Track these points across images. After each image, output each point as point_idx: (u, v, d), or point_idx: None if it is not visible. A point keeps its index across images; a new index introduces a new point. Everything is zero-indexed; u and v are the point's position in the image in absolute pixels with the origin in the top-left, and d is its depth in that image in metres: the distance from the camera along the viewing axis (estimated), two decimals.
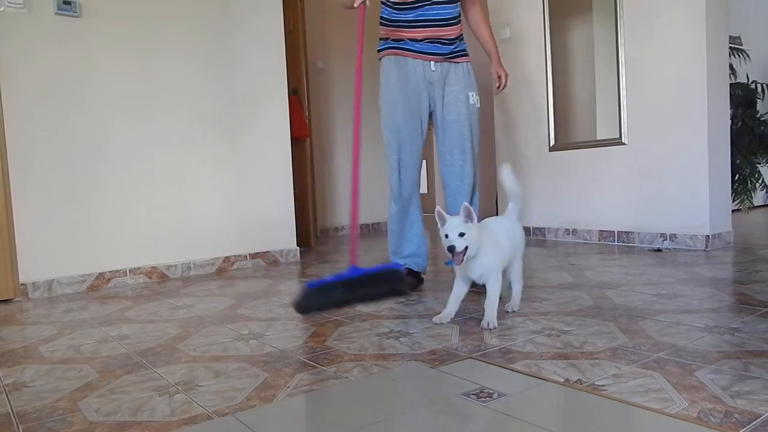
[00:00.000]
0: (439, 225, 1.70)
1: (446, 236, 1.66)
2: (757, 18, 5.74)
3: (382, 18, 2.35)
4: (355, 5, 2.10)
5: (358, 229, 1.56)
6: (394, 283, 1.45)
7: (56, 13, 2.71)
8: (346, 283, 1.49)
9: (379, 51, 2.38)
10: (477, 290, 2.28)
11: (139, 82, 2.96)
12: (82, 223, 2.80)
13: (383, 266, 1.52)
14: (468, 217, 1.67)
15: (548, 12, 3.79)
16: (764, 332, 1.54)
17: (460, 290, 1.84)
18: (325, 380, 1.34)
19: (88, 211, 2.82)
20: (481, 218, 1.85)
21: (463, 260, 1.67)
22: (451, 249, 1.63)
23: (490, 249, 1.76)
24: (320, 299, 1.51)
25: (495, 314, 1.75)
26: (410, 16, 2.27)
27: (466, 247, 1.66)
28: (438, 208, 1.71)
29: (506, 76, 2.47)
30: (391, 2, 2.29)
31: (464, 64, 2.36)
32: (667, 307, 1.86)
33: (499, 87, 2.48)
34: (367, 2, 2.11)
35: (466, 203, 1.68)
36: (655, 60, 3.25)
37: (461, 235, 1.65)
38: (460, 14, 2.34)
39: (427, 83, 2.33)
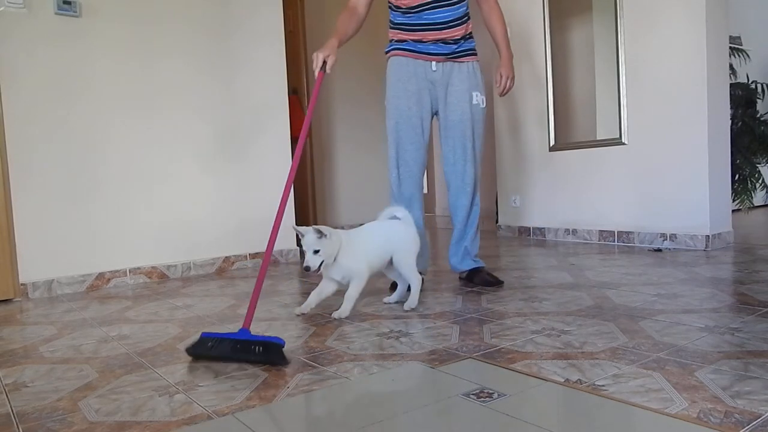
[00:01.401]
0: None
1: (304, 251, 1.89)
2: (757, 18, 5.74)
3: (391, 22, 2.36)
4: (315, 73, 2.17)
5: (258, 292, 1.70)
6: (273, 356, 1.49)
7: (56, 13, 2.71)
8: (233, 342, 1.55)
9: (386, 52, 2.40)
10: (476, 290, 2.28)
11: (139, 82, 2.96)
12: (82, 223, 2.80)
13: (268, 338, 1.57)
14: (320, 233, 1.84)
15: (548, 12, 3.80)
16: (764, 332, 1.54)
17: (324, 288, 2.01)
18: (325, 380, 1.34)
19: (88, 211, 2.82)
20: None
21: (319, 271, 1.90)
22: (307, 269, 1.86)
23: (351, 254, 1.95)
24: (207, 350, 1.57)
25: (349, 309, 1.94)
26: (412, 20, 2.28)
27: (322, 261, 1.88)
28: (293, 226, 2.00)
29: (509, 78, 2.37)
30: (394, 6, 2.30)
31: (469, 63, 2.34)
32: (667, 307, 1.86)
33: (500, 87, 2.38)
34: (328, 69, 2.16)
35: (315, 226, 1.84)
36: (655, 60, 3.25)
37: (316, 252, 1.85)
38: (465, 14, 2.31)
39: (428, 83, 2.33)
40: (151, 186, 3.01)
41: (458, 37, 2.30)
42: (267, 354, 1.50)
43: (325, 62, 2.15)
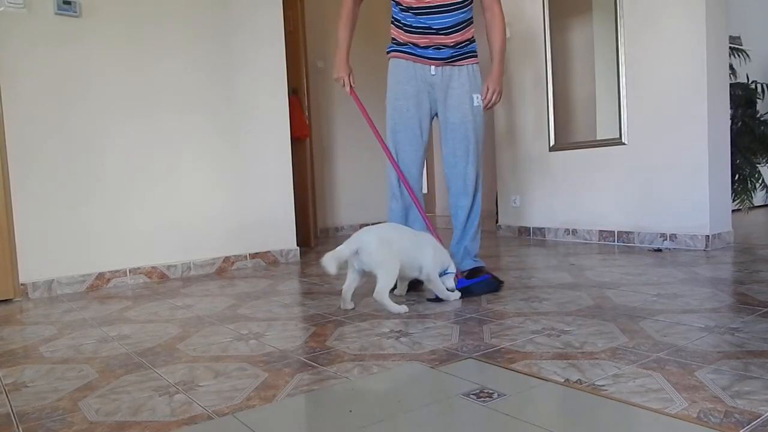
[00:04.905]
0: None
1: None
2: (757, 18, 5.74)
3: (392, 17, 2.37)
4: (347, 90, 2.42)
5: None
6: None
7: (56, 13, 2.71)
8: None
9: (387, 52, 2.42)
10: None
11: (138, 82, 2.96)
12: (82, 223, 2.80)
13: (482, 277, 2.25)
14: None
15: (548, 12, 3.80)
16: (764, 332, 1.54)
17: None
18: (325, 380, 1.34)
19: (88, 211, 2.82)
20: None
21: None
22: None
23: None
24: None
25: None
26: (413, 21, 2.28)
27: None
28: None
29: (495, 92, 2.34)
30: (397, 2, 2.30)
31: (469, 66, 2.34)
32: (667, 307, 1.86)
33: (485, 100, 2.33)
34: (353, 83, 2.41)
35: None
36: (655, 60, 3.25)
37: None
38: (464, 21, 2.29)
39: (427, 86, 2.33)
40: (152, 186, 3.01)
41: (453, 44, 2.28)
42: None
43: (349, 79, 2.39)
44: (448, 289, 2.14)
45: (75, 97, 2.78)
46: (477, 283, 2.24)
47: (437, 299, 2.13)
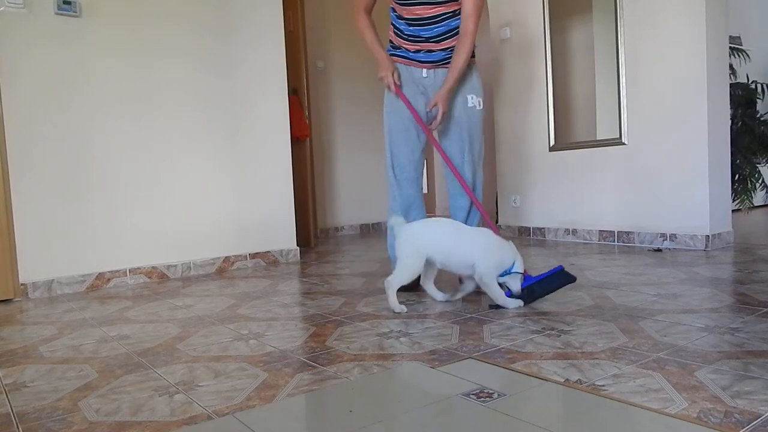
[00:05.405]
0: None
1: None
2: (757, 18, 5.74)
3: (391, 21, 2.40)
4: (391, 88, 2.32)
5: None
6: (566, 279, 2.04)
7: (56, 13, 2.71)
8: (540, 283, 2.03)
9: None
10: (476, 290, 2.28)
11: (139, 81, 2.96)
12: (83, 223, 2.80)
13: (552, 270, 2.05)
14: None
15: (548, 12, 3.79)
16: (764, 332, 1.54)
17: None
18: (325, 380, 1.34)
19: (88, 211, 2.82)
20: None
21: None
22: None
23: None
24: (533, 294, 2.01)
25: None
26: (404, 29, 2.31)
27: None
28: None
29: (441, 112, 2.22)
30: (394, 9, 2.32)
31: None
32: (667, 307, 1.86)
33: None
34: (398, 81, 2.31)
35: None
36: (655, 60, 3.25)
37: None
38: (457, 27, 2.27)
39: (422, 88, 2.36)
40: (151, 186, 3.01)
41: (444, 48, 2.30)
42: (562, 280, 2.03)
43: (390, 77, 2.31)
44: (512, 293, 1.97)
45: (75, 96, 2.78)
46: (542, 279, 2.00)
47: (497, 306, 1.97)
